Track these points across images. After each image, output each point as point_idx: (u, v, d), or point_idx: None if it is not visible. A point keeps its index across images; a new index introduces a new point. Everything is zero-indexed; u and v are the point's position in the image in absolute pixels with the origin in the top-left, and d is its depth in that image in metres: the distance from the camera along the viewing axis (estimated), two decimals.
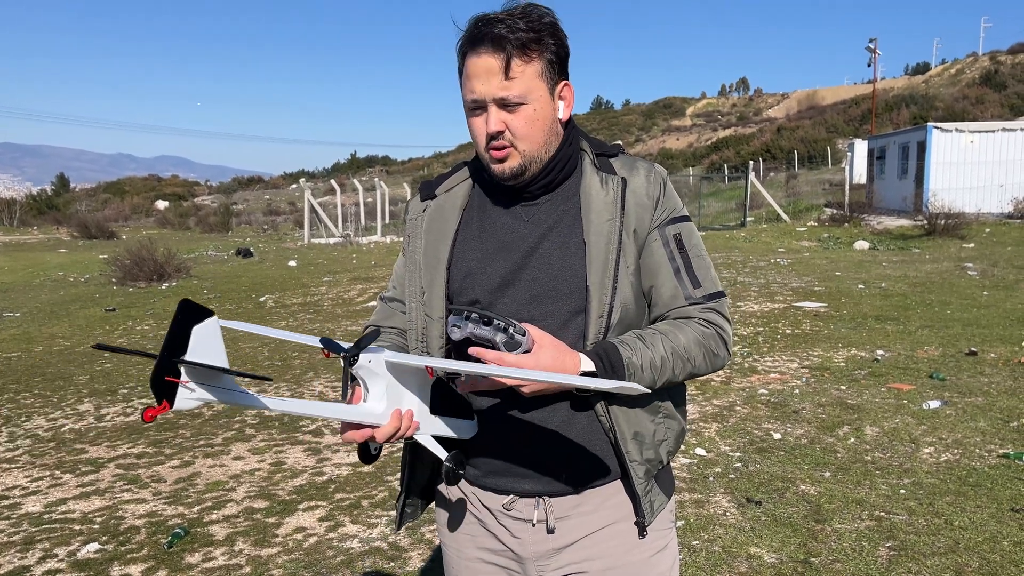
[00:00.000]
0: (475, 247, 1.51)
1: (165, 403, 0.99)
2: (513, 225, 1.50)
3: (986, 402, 5.54)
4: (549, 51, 1.41)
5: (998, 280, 11.72)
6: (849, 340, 7.85)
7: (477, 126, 1.43)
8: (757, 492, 4.13)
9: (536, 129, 1.42)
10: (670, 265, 1.47)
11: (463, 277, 1.51)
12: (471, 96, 1.40)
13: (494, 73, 1.37)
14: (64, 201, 55.37)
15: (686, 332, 1.44)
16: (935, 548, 3.43)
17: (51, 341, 9.47)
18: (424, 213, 1.59)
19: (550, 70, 1.42)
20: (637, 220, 1.47)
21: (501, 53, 1.36)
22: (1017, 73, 53.21)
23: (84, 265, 19.12)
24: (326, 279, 14.95)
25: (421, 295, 1.54)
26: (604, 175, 1.49)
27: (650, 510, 1.51)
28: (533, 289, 1.45)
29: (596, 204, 1.46)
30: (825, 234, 19.98)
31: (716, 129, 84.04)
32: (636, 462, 1.48)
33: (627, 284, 1.45)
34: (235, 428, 5.66)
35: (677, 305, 1.47)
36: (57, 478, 4.77)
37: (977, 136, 22.18)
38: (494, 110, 1.39)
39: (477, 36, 1.38)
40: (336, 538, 3.81)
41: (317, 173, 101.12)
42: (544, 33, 1.40)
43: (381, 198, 30.23)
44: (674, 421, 1.55)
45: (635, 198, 1.47)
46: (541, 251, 1.47)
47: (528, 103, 1.40)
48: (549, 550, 1.51)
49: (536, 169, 1.45)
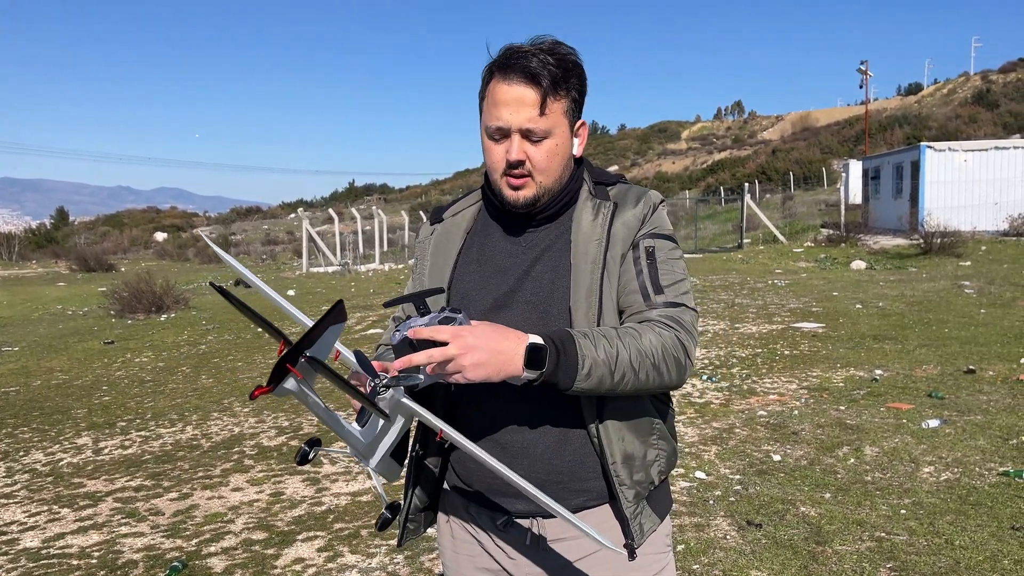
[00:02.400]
0: (473, 270, 1.56)
1: (270, 386, 1.05)
2: (511, 250, 1.55)
3: (985, 420, 5.54)
4: (574, 90, 1.47)
5: (995, 298, 11.74)
6: (847, 360, 7.85)
7: (497, 152, 1.47)
8: (757, 515, 4.12)
9: (555, 163, 1.47)
10: (634, 270, 1.48)
11: (460, 299, 1.55)
12: (496, 123, 1.44)
13: (525, 105, 1.42)
14: (63, 234, 55.52)
15: (644, 333, 1.39)
16: (936, 568, 3.41)
17: (49, 375, 9.46)
18: (431, 236, 1.65)
19: (573, 108, 1.48)
20: (623, 243, 1.49)
21: (535, 87, 1.41)
22: (1009, 91, 53.67)
23: (82, 298, 19.13)
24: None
25: None
26: (598, 201, 1.53)
27: (639, 532, 1.50)
28: (525, 312, 1.49)
29: (584, 227, 1.50)
30: (822, 254, 20.02)
31: (711, 152, 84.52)
32: (625, 485, 1.49)
33: (611, 304, 1.47)
34: (233, 459, 5.64)
35: (637, 309, 1.46)
36: (55, 513, 4.75)
37: (971, 155, 22.33)
38: (517, 139, 1.44)
39: (510, 65, 1.42)
40: (335, 568, 3.79)
41: (315, 202, 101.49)
42: (571, 73, 1.45)
43: (379, 226, 30.32)
44: (665, 442, 1.55)
45: (622, 220, 1.51)
46: (534, 274, 1.51)
47: (551, 137, 1.45)
48: (540, 572, 1.53)
49: (547, 200, 1.51)
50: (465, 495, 1.60)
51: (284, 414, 6.87)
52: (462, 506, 1.61)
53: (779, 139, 76.10)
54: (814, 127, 76.71)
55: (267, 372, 8.77)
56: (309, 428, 6.38)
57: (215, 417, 6.91)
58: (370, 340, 10.77)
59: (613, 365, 1.34)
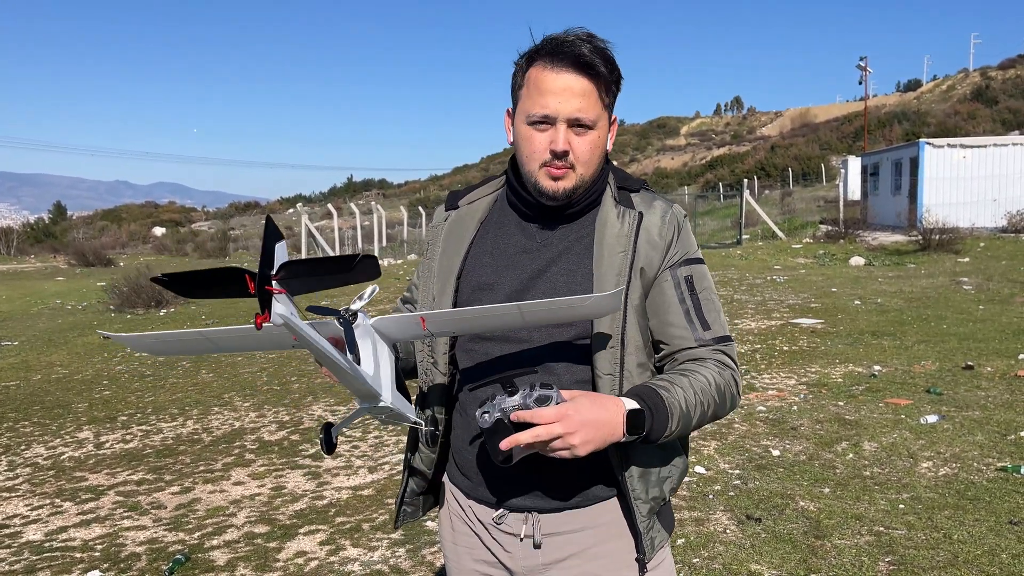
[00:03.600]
0: (486, 262, 1.54)
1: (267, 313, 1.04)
2: (526, 245, 1.53)
3: (983, 416, 5.56)
4: (614, 84, 1.46)
5: (993, 294, 11.77)
6: (846, 356, 7.87)
7: (539, 140, 1.43)
8: (757, 509, 4.14)
9: (595, 155, 1.46)
10: (680, 307, 1.48)
11: (472, 290, 1.53)
12: (542, 111, 1.41)
13: (575, 94, 1.40)
14: (61, 229, 55.43)
15: (706, 375, 1.43)
16: (934, 562, 3.44)
17: (49, 369, 9.47)
18: (445, 223, 1.62)
19: (612, 103, 1.48)
20: (646, 259, 1.47)
21: (587, 77, 1.40)
22: (1008, 88, 53.66)
23: (82, 293, 19.13)
24: (324, 302, 14.93)
25: (432, 301, 1.57)
26: (622, 208, 1.51)
27: (651, 546, 1.50)
28: None
29: (609, 237, 1.48)
30: (821, 251, 20.05)
31: (710, 148, 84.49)
32: (640, 500, 1.48)
33: (633, 320, 1.46)
34: (234, 453, 5.66)
35: (686, 346, 1.47)
36: (57, 506, 4.77)
37: (969, 151, 22.35)
38: (563, 129, 1.42)
39: (558, 53, 1.40)
40: (337, 561, 3.81)
41: (314, 197, 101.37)
42: (615, 66, 1.45)
43: (378, 221, 30.31)
44: (680, 458, 1.56)
45: (647, 236, 1.48)
46: (548, 276, 1.49)
47: (595, 129, 1.44)
48: (538, 565, 1.52)
49: (581, 193, 1.49)
50: (463, 488, 1.60)
51: (284, 409, 6.89)
52: (460, 499, 1.62)
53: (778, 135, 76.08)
54: (813, 123, 76.71)
55: (267, 366, 8.79)
56: (309, 422, 6.40)
57: (215, 411, 6.93)
58: None
59: (692, 414, 1.40)
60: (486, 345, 1.51)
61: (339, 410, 6.73)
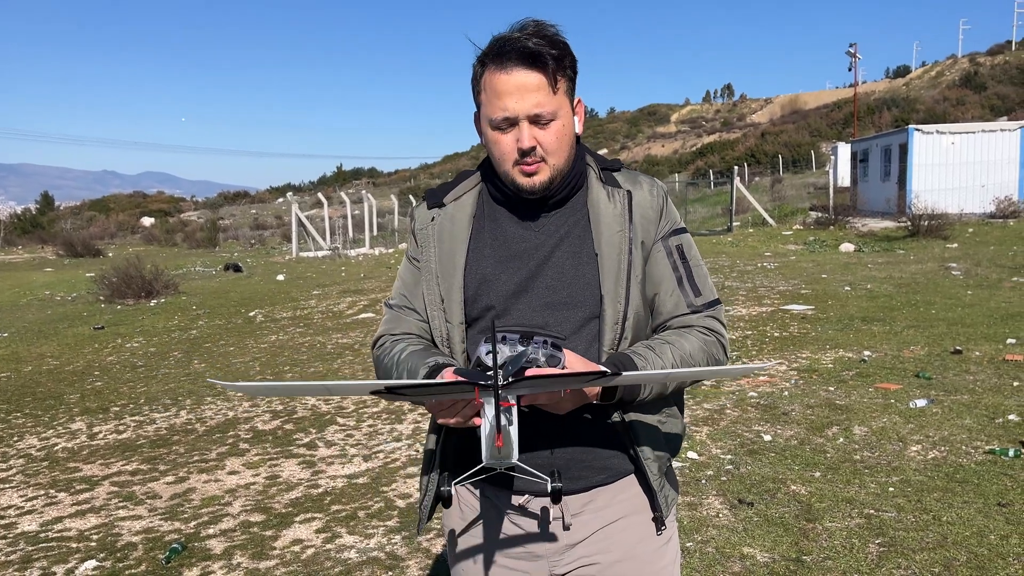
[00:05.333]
0: (489, 255, 1.56)
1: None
2: (525, 235, 1.55)
3: (972, 399, 5.62)
4: (569, 68, 1.47)
5: (981, 279, 11.86)
6: (836, 341, 7.93)
7: (505, 142, 1.46)
8: (749, 493, 4.19)
9: (564, 144, 1.48)
10: (674, 275, 1.55)
11: (478, 284, 1.55)
12: (502, 113, 1.43)
13: (529, 90, 1.41)
14: (49, 219, 55.02)
15: (690, 340, 1.51)
16: (924, 544, 3.49)
17: (40, 360, 9.44)
18: (433, 223, 1.61)
19: (571, 87, 1.49)
20: (643, 232, 1.54)
21: (536, 71, 1.41)
22: (996, 74, 53.83)
23: (71, 284, 19.04)
24: (315, 292, 14.95)
25: (441, 302, 1.57)
26: (610, 188, 1.56)
27: (665, 504, 1.58)
28: (547, 297, 1.51)
29: (605, 217, 1.53)
30: (811, 237, 20.13)
31: (701, 135, 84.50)
32: (650, 460, 1.55)
33: (637, 293, 1.52)
34: (229, 443, 5.67)
35: (679, 313, 1.55)
36: (52, 497, 4.77)
37: (958, 137, 22.44)
38: (527, 126, 1.43)
39: (505, 53, 1.41)
40: (334, 549, 3.83)
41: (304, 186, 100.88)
42: (565, 52, 1.45)
43: (368, 210, 30.24)
44: (678, 421, 1.63)
45: (640, 211, 1.54)
46: (554, 260, 1.52)
47: (558, 118, 1.45)
48: (563, 546, 1.56)
49: (559, 182, 1.51)
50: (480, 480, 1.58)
51: (278, 398, 6.90)
52: (476, 487, 1.62)
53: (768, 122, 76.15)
54: (803, 110, 76.81)
55: (260, 355, 8.78)
56: (303, 412, 6.41)
57: (209, 401, 6.93)
58: (362, 324, 10.80)
59: (667, 379, 1.48)
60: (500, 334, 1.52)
61: (333, 399, 6.74)
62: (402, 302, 1.66)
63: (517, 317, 1.51)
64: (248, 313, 12.63)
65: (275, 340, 9.95)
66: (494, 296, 1.53)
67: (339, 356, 8.56)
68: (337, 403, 6.61)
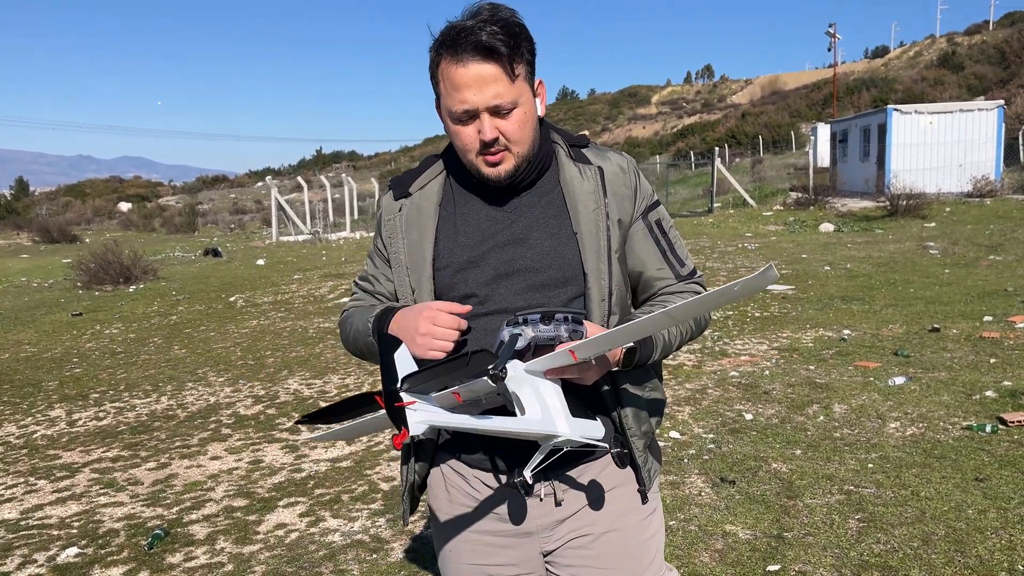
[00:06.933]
0: (461, 243, 1.54)
1: (404, 430, 1.08)
2: (499, 218, 1.54)
3: (949, 377, 5.69)
4: (527, 52, 1.45)
5: (959, 258, 11.99)
6: (816, 321, 8.00)
7: (467, 134, 1.45)
8: (731, 472, 4.22)
9: (527, 130, 1.47)
10: (657, 249, 1.59)
11: (453, 273, 1.53)
12: (462, 107, 1.41)
13: (487, 82, 1.39)
14: (24, 205, 54.27)
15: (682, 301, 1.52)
16: (903, 518, 3.54)
17: (17, 348, 9.33)
18: (400, 213, 1.60)
19: (530, 72, 1.47)
20: (619, 209, 1.55)
21: (491, 62, 1.39)
22: (974, 54, 54.13)
23: (47, 270, 18.80)
24: (296, 277, 14.86)
25: (412, 292, 1.56)
26: (581, 166, 1.55)
27: (648, 478, 1.62)
28: (530, 279, 1.51)
29: (581, 195, 1.53)
30: (791, 218, 20.25)
31: (681, 116, 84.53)
32: (636, 436, 1.57)
33: (617, 269, 1.54)
34: (211, 428, 5.64)
35: (668, 284, 1.59)
36: (31, 484, 4.72)
37: (936, 117, 22.60)
38: (487, 118, 1.42)
39: (460, 45, 1.38)
40: (318, 532, 3.83)
41: (283, 170, 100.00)
42: (520, 37, 1.43)
43: (349, 194, 30.04)
44: (659, 393, 1.66)
45: (613, 187, 1.55)
46: (532, 241, 1.52)
47: (519, 106, 1.44)
48: (554, 521, 1.58)
49: (525, 167, 1.50)
50: (468, 461, 1.60)
51: (260, 383, 6.86)
52: (464, 471, 1.62)
53: (748, 103, 76.28)
54: (783, 91, 76.95)
55: (241, 341, 8.73)
56: (285, 396, 6.38)
57: (190, 387, 6.89)
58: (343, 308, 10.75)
59: (672, 342, 1.55)
60: (485, 320, 1.51)
61: (315, 383, 6.72)
62: (366, 287, 1.69)
63: (499, 302, 1.50)
64: (228, 298, 12.54)
65: (256, 325, 9.88)
66: (473, 283, 1.52)
67: (320, 340, 8.52)
68: (319, 387, 6.59)
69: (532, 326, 1.31)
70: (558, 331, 1.32)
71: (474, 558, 1.62)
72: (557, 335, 1.32)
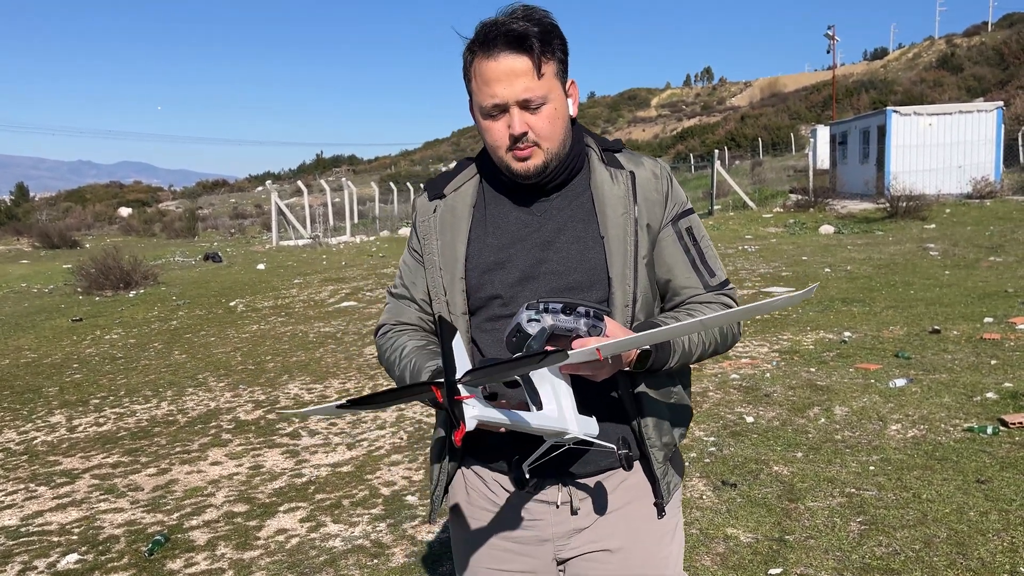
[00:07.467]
0: (490, 244, 1.54)
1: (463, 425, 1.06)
2: (527, 220, 1.54)
3: (950, 378, 5.69)
4: (559, 50, 1.45)
5: (959, 259, 11.98)
6: (817, 323, 7.99)
7: (497, 129, 1.45)
8: (732, 475, 4.21)
9: (557, 127, 1.46)
10: (686, 257, 1.56)
11: (480, 273, 1.54)
12: (492, 100, 1.41)
13: (517, 75, 1.39)
14: (24, 211, 54.30)
15: (710, 312, 1.52)
16: (904, 521, 3.53)
17: (18, 354, 9.32)
18: (435, 214, 1.60)
19: (561, 69, 1.47)
20: (649, 215, 1.53)
21: (522, 55, 1.39)
22: (973, 55, 54.17)
23: (47, 276, 18.80)
24: (296, 281, 14.86)
25: (444, 293, 1.56)
26: (613, 170, 1.54)
27: (667, 491, 1.58)
28: (554, 282, 1.50)
29: (610, 199, 1.52)
30: (791, 220, 20.24)
31: (681, 119, 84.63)
32: (656, 447, 1.55)
33: (644, 275, 1.51)
34: (211, 434, 5.63)
35: (696, 294, 1.56)
36: (32, 491, 4.72)
37: (935, 119, 22.59)
38: (517, 112, 1.42)
39: (492, 39, 1.39)
40: (318, 538, 3.82)
41: (283, 174, 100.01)
42: (553, 33, 1.43)
43: (349, 198, 30.04)
44: (685, 406, 1.62)
45: (644, 192, 1.53)
46: (559, 245, 1.51)
47: (549, 102, 1.43)
48: (570, 530, 1.56)
49: (555, 165, 1.49)
50: (489, 464, 1.60)
51: (260, 388, 6.86)
52: (484, 474, 1.61)
53: (748, 105, 76.34)
54: (782, 93, 77.05)
55: (241, 345, 8.73)
56: (285, 401, 6.37)
57: (190, 392, 6.88)
58: (344, 313, 10.75)
59: (692, 351, 1.50)
60: (508, 322, 1.49)
61: (315, 388, 6.72)
62: (402, 292, 1.67)
63: (523, 303, 1.49)
64: (229, 303, 12.54)
65: (256, 330, 9.88)
66: (499, 284, 1.52)
67: (321, 345, 8.52)
68: (320, 392, 6.58)
69: (552, 315, 1.30)
70: (577, 324, 1.30)
71: (491, 563, 1.62)
72: (575, 328, 1.30)
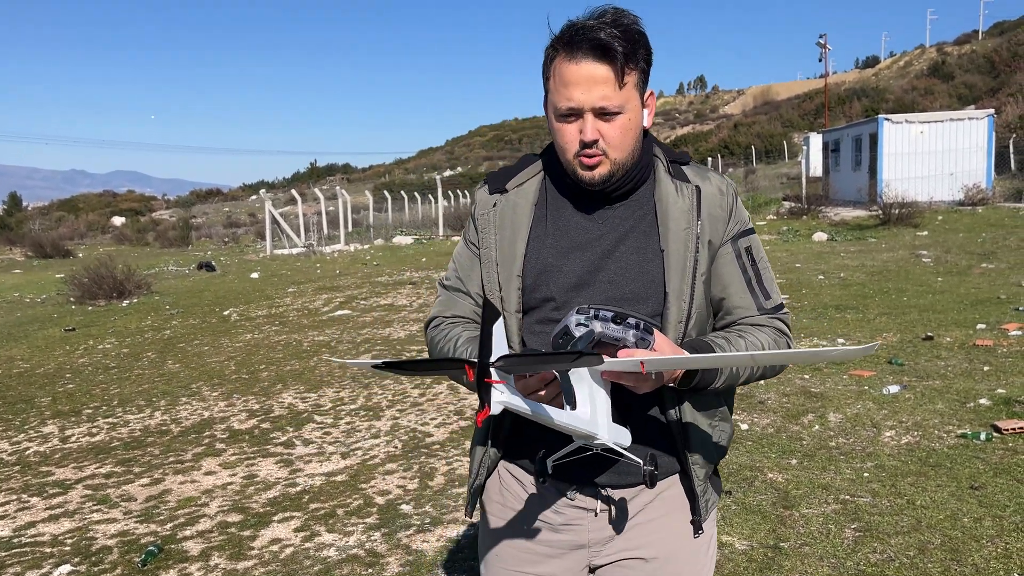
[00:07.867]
0: (550, 245, 1.54)
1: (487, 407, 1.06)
2: (588, 226, 1.53)
3: (943, 385, 5.70)
4: (642, 61, 1.44)
5: (951, 266, 12.03)
6: (811, 330, 8.01)
7: (569, 132, 1.44)
8: (727, 482, 4.22)
9: (628, 138, 1.45)
10: (743, 277, 1.54)
11: (537, 273, 1.53)
12: (567, 104, 1.41)
13: (597, 82, 1.38)
14: (17, 220, 54.09)
15: (761, 337, 1.50)
16: (899, 527, 3.53)
17: (10, 364, 9.28)
18: (495, 208, 1.59)
19: (642, 80, 1.45)
20: (712, 231, 1.51)
21: (606, 64, 1.38)
22: (964, 63, 54.49)
23: (40, 285, 18.73)
24: (290, 290, 14.83)
25: (499, 289, 1.55)
26: (679, 183, 1.53)
27: (705, 508, 1.58)
28: (610, 291, 1.49)
29: (673, 212, 1.50)
30: (784, 227, 20.30)
31: (674, 127, 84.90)
32: (698, 464, 1.55)
33: (701, 291, 1.50)
34: (204, 443, 5.61)
35: (749, 315, 1.54)
36: (24, 501, 4.69)
37: (927, 126, 22.74)
38: (591, 119, 1.41)
39: (576, 42, 1.38)
40: (313, 547, 3.81)
41: (277, 183, 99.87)
42: (639, 44, 1.42)
43: (343, 207, 30.02)
44: (728, 424, 1.62)
45: (708, 208, 1.52)
46: (618, 254, 1.50)
47: (624, 112, 1.42)
48: (606, 537, 1.56)
49: (621, 175, 1.48)
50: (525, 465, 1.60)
51: (254, 397, 6.84)
52: (524, 479, 1.61)
53: (741, 113, 76.66)
54: (775, 101, 77.40)
55: (235, 355, 8.70)
56: (279, 410, 6.36)
57: (184, 402, 6.86)
58: (338, 322, 10.73)
59: (740, 373, 1.48)
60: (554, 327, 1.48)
61: (309, 396, 6.70)
62: (456, 284, 1.65)
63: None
64: (222, 312, 12.50)
65: (250, 339, 9.86)
66: (554, 287, 1.51)
67: (315, 354, 8.50)
68: (314, 401, 6.57)
69: (602, 322, 1.29)
70: (625, 335, 1.29)
71: (520, 565, 1.61)
72: (623, 339, 1.29)
